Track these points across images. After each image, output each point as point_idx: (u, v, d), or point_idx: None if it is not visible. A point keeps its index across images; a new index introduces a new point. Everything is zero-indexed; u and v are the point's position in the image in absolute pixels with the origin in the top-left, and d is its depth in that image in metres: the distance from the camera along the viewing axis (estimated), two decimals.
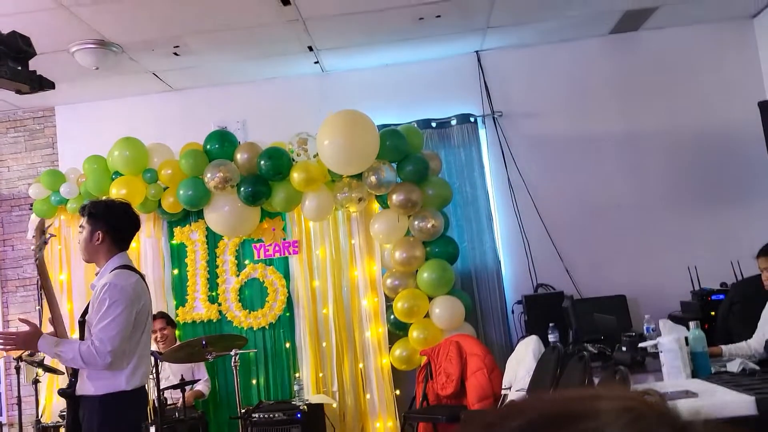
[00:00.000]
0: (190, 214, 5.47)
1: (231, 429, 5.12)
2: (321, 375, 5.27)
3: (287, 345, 5.37)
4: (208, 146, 5.26)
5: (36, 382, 4.56)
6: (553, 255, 5.52)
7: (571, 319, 4.36)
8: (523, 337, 4.82)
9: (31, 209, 5.66)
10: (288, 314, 5.42)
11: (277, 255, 5.47)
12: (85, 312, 2.87)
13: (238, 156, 5.19)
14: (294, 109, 5.77)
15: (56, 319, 2.95)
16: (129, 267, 2.94)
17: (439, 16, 4.97)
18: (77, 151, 5.62)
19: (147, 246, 5.52)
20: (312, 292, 5.39)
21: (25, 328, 2.75)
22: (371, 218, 5.29)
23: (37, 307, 5.63)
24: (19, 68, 2.66)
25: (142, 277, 3.00)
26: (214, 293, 5.49)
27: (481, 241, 5.54)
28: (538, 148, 5.67)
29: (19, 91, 2.72)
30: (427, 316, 5.10)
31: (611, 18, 5.42)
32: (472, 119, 5.68)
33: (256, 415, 4.76)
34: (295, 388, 4.99)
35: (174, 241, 5.54)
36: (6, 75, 2.57)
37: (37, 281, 5.67)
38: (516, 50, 5.77)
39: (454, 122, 5.67)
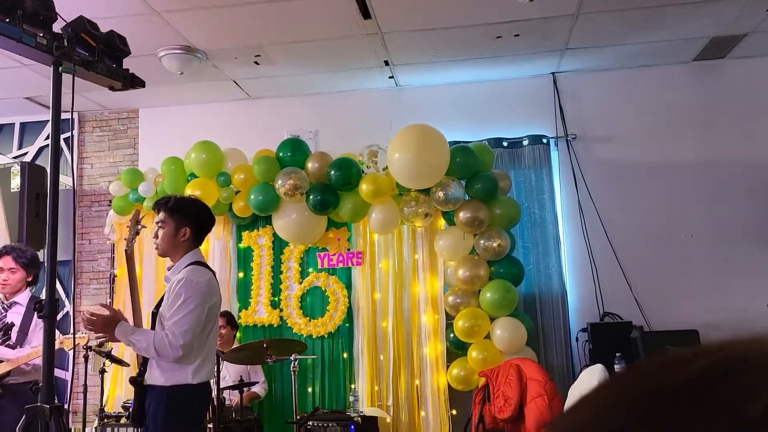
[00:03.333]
0: (259, 219, 5.58)
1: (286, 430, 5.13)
2: (376, 388, 5.26)
3: (345, 355, 5.38)
4: (281, 154, 5.37)
5: (102, 372, 4.70)
6: (621, 283, 5.36)
7: (639, 351, 4.21)
8: (587, 366, 4.69)
9: (109, 205, 5.89)
10: (347, 325, 5.44)
11: (341, 265, 5.51)
12: (159, 304, 2.95)
13: (309, 165, 5.27)
14: (366, 121, 5.83)
15: (136, 310, 3.06)
16: (203, 264, 3.02)
17: (517, 35, 4.95)
18: (157, 152, 5.82)
19: (216, 248, 5.65)
20: (373, 304, 5.40)
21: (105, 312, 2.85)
22: (436, 234, 5.27)
23: (108, 300, 5.83)
24: (114, 66, 2.78)
25: (214, 274, 3.07)
26: (276, 298, 5.56)
27: (547, 264, 5.43)
28: (611, 173, 5.54)
29: (112, 88, 2.84)
30: (487, 336, 5.03)
31: (696, 45, 5.27)
32: (544, 140, 5.60)
33: (311, 423, 4.78)
34: (351, 399, 4.98)
35: (241, 245, 5.66)
36: (102, 72, 2.69)
37: (110, 275, 5.90)
38: (594, 74, 5.68)
39: (525, 143, 5.61)
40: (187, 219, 2.99)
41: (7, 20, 2.33)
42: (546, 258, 5.44)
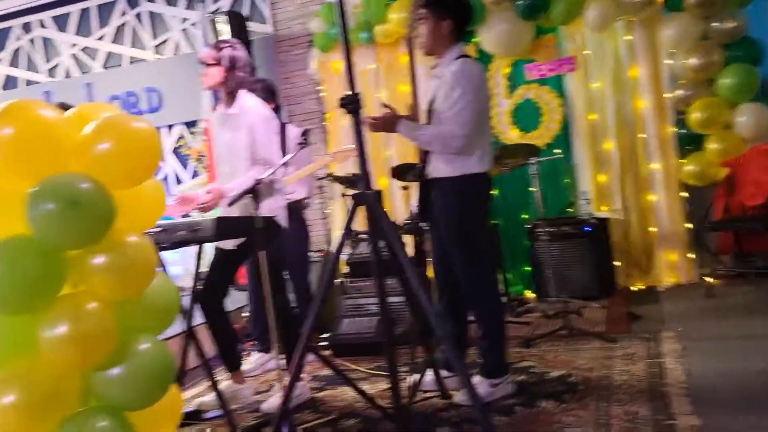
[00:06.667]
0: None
1: (517, 237, 5.23)
2: (603, 192, 5.18)
3: (565, 164, 5.30)
4: None
5: (344, 195, 5.01)
6: None
7: None
8: None
9: (309, 45, 6.00)
10: (564, 134, 5.31)
11: (552, 74, 5.29)
12: (431, 101, 2.98)
13: None
14: None
15: (415, 107, 3.13)
16: (470, 56, 2.98)
17: None
18: None
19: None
20: (590, 107, 5.20)
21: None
22: (654, 27, 4.87)
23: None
24: None
25: None
26: None
27: None
28: None
29: None
30: (725, 127, 4.70)
31: None
32: None
33: (541, 229, 4.83)
34: (581, 202, 4.97)
35: None
36: None
37: (321, 113, 6.10)
38: None
39: None
40: (446, 11, 2.93)
41: None
42: None
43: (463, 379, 2.13)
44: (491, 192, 2.99)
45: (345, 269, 4.49)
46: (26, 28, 7.17)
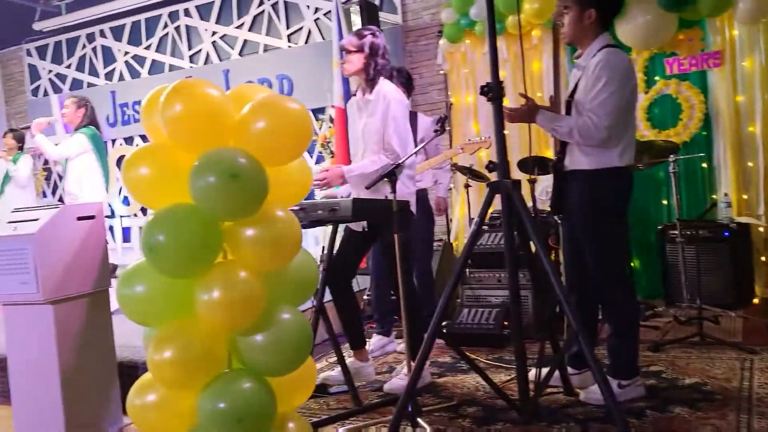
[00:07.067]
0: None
1: (645, 238, 5.02)
2: (745, 197, 4.86)
3: (704, 165, 5.02)
4: None
5: (467, 186, 5.01)
6: None
7: None
8: None
9: (439, 35, 6.02)
10: (705, 133, 5.02)
11: (694, 69, 5.03)
12: (572, 92, 2.92)
13: None
14: None
15: (556, 98, 3.09)
16: (617, 46, 2.89)
17: None
18: None
19: (547, 66, 5.51)
20: (735, 108, 4.89)
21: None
22: None
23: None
24: None
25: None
26: None
27: None
28: None
29: None
30: None
31: None
32: None
33: (675, 231, 4.61)
34: (721, 205, 4.69)
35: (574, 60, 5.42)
36: None
37: (446, 103, 6.10)
38: None
39: None
40: (590, 1, 2.85)
41: None
42: None
43: (598, 376, 2.08)
44: (631, 189, 2.88)
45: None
46: (172, 17, 7.66)
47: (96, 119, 5.36)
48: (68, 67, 8.29)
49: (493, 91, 2.49)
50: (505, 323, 3.93)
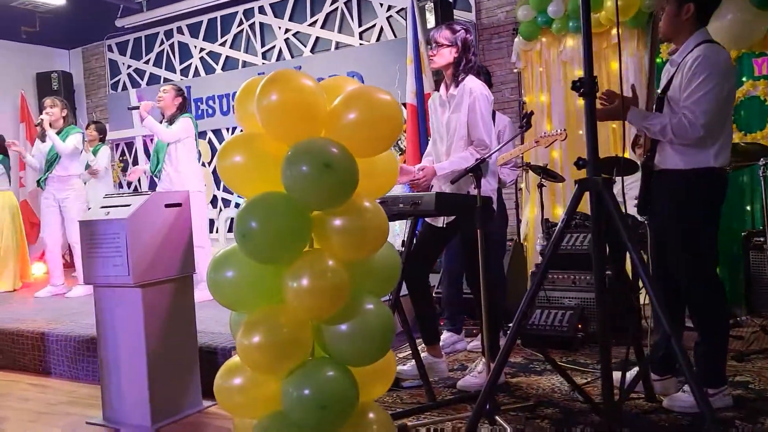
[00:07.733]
0: None
1: (728, 245, 4.83)
2: None
3: None
4: None
5: (540, 186, 4.93)
6: None
7: None
8: None
9: (514, 33, 5.94)
10: None
11: None
12: (666, 88, 2.83)
13: None
14: None
15: (650, 94, 3.01)
16: (716, 42, 2.78)
17: None
18: None
19: (630, 65, 5.36)
20: None
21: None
22: None
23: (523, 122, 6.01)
24: None
25: None
26: None
27: None
28: None
29: None
30: None
31: None
32: None
33: (760, 238, 4.42)
34: None
35: (660, 58, 5.26)
36: None
37: (519, 102, 6.02)
38: None
39: None
40: None
41: None
42: None
43: (692, 383, 2.00)
44: (725, 191, 2.77)
45: (539, 260, 4.42)
46: (247, 14, 7.81)
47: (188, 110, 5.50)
48: (147, 62, 8.57)
49: (586, 86, 2.43)
50: (579, 326, 3.85)
